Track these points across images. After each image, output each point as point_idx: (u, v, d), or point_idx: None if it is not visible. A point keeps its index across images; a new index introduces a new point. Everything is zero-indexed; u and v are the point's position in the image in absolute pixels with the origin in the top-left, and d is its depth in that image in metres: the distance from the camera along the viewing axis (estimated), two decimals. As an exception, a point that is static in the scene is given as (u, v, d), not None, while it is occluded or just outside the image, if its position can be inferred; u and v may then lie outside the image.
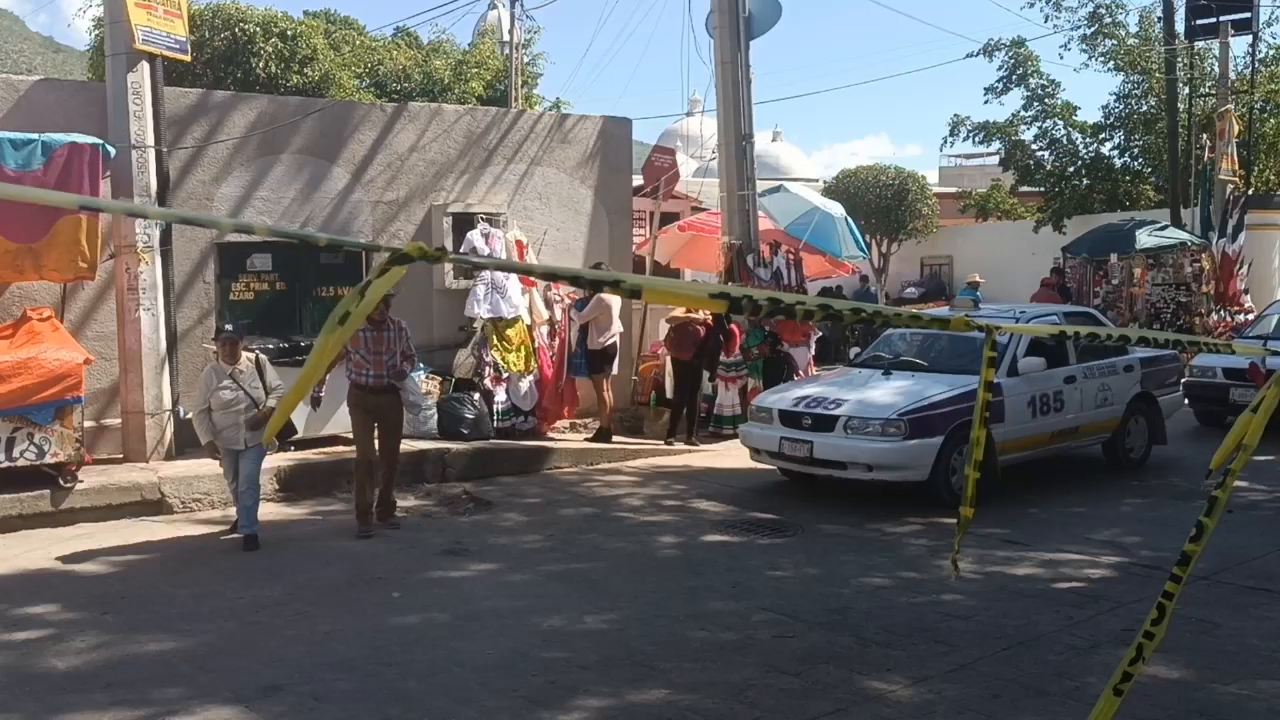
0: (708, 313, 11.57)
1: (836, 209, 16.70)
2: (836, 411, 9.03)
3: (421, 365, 10.69)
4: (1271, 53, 24.92)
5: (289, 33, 18.36)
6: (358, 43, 21.06)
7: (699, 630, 6.03)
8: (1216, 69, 21.87)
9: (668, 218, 15.93)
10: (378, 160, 11.45)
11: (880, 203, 26.03)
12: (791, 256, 13.87)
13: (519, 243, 11.67)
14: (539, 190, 12.44)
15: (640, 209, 15.42)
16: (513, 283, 11.30)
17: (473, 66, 21.63)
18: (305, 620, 6.25)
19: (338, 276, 11.11)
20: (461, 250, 11.27)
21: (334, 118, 11.41)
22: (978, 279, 19.96)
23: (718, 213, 13.91)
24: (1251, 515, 8.67)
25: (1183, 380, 12.24)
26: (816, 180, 29.44)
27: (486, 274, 11.19)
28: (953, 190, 32.79)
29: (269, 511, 8.69)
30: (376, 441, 8.36)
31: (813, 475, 9.50)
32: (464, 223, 11.53)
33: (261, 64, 17.74)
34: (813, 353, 14.51)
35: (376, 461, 8.36)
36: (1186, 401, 12.42)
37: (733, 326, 11.98)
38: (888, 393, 9.32)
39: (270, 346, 9.96)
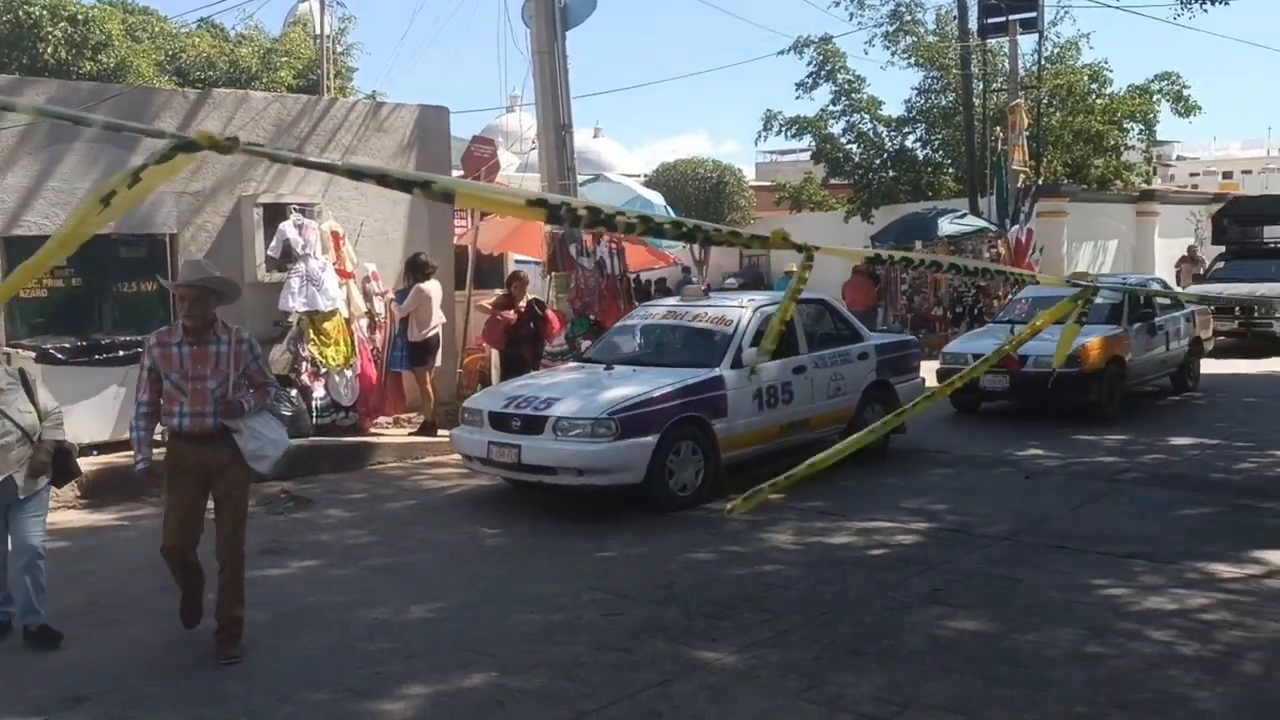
0: (521, 302, 11.54)
1: (656, 199, 16.93)
2: (547, 412, 8.34)
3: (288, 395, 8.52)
4: (1057, 50, 26.60)
5: (80, 17, 17.34)
6: (157, 30, 20.08)
7: (528, 614, 6.01)
8: (1008, 65, 23.18)
9: (489, 208, 15.77)
10: (181, 149, 10.91)
11: (699, 195, 26.54)
12: (614, 246, 13.95)
13: (335, 234, 11.34)
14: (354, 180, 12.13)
15: (488, 212, 15.22)
16: (329, 275, 10.98)
17: (282, 55, 20.94)
18: (114, 627, 5.93)
19: (140, 270, 10.55)
20: (274, 244, 10.90)
21: (132, 105, 10.81)
22: (794, 268, 20.53)
23: (539, 203, 13.85)
24: (1047, 481, 9.26)
25: (938, 368, 12.60)
26: (638, 175, 29.77)
27: (301, 266, 10.82)
28: (768, 184, 33.70)
29: (71, 521, 8.19)
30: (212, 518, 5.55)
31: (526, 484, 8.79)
32: (276, 214, 11.13)
33: (50, 49, 16.71)
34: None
35: (190, 554, 5.55)
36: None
37: (549, 314, 11.95)
38: (603, 390, 8.64)
39: (67, 345, 9.40)
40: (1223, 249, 21.62)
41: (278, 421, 5.67)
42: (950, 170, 27.03)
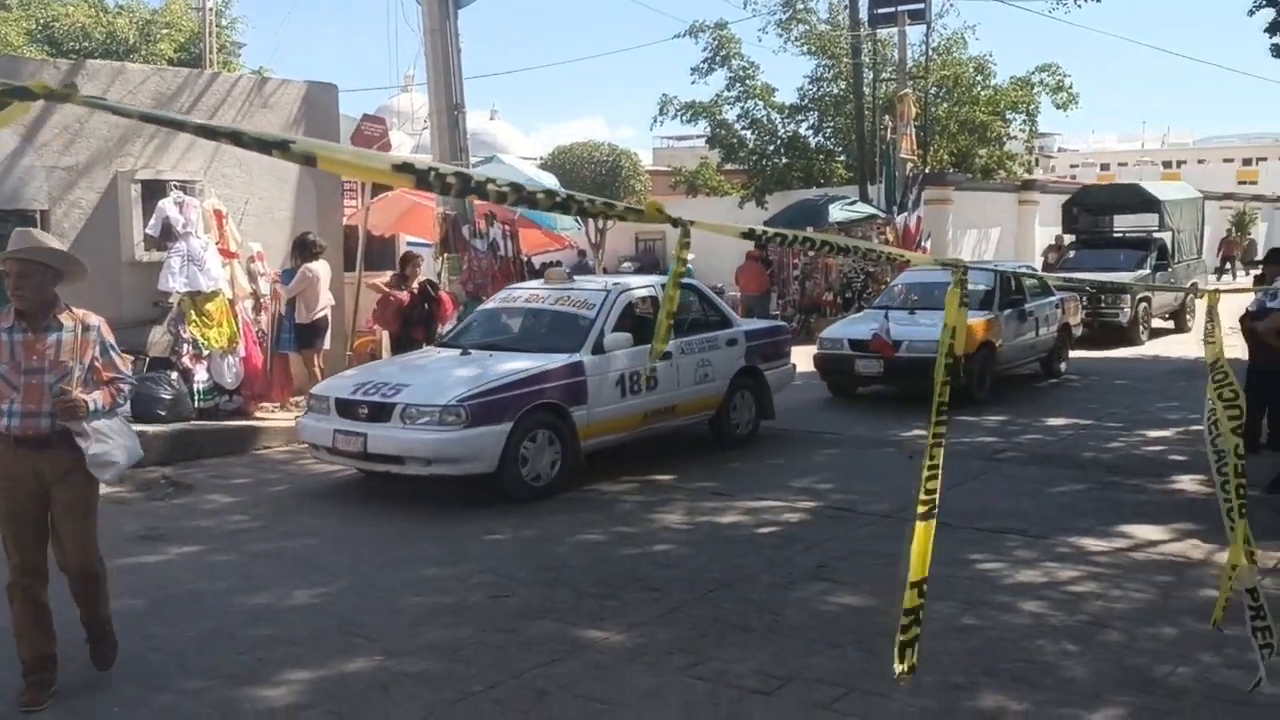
0: (413, 283, 11.38)
1: (550, 180, 16.84)
2: (394, 399, 8.01)
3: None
4: (944, 42, 27.26)
5: (-60, -18, 16.48)
6: (27, -3, 19.22)
7: (414, 597, 5.95)
8: (896, 55, 23.68)
9: (381, 187, 15.51)
10: (52, 122, 10.47)
11: (595, 179, 26.52)
12: (507, 229, 13.87)
13: (217, 212, 11.01)
14: (238, 156, 11.75)
15: (352, 178, 14.92)
16: (211, 254, 10.66)
17: (162, 27, 20.22)
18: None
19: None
20: (153, 222, 10.54)
21: (-2, 74, 10.34)
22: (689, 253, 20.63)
23: (431, 183, 13.66)
24: (929, 459, 9.51)
25: (815, 353, 12.91)
26: (534, 159, 29.59)
27: (182, 245, 10.48)
28: (665, 168, 33.85)
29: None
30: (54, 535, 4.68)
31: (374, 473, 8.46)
32: (155, 191, 10.76)
33: (-91, 15, 15.84)
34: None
35: (42, 575, 4.67)
36: (819, 374, 12.96)
37: (442, 295, 11.82)
38: (455, 375, 8.38)
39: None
40: (1073, 238, 21.84)
41: (128, 426, 4.83)
42: (841, 158, 27.54)
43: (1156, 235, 20.50)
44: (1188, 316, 20.30)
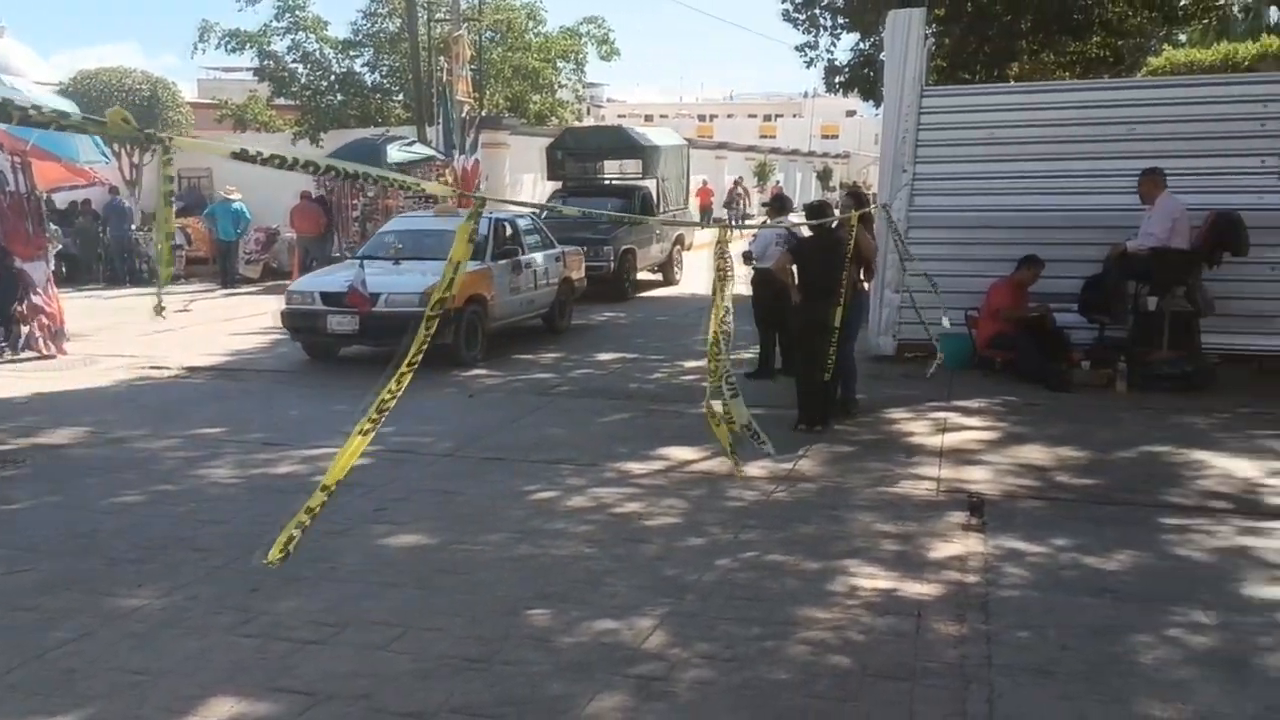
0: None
1: (71, 109, 15.07)
2: None
3: None
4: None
5: None
6: None
7: (-94, 582, 5.18)
8: (452, -4, 23.62)
9: None
10: None
11: (129, 110, 24.10)
12: (18, 160, 12.28)
13: None
14: None
15: None
16: None
17: None
18: None
19: None
20: None
21: None
22: (233, 191, 19.47)
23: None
24: (489, 398, 9.74)
25: (283, 308, 11.61)
26: (53, 84, 26.30)
27: None
28: (211, 101, 31.51)
29: None
30: None
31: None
32: None
33: None
34: (52, 268, 13.16)
35: None
36: (289, 332, 11.73)
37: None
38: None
39: None
40: (559, 185, 20.75)
41: None
42: (399, 97, 27.11)
43: (642, 183, 19.98)
44: (675, 269, 20.07)
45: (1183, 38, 25.04)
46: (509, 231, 12.82)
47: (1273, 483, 6.88)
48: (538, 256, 13.25)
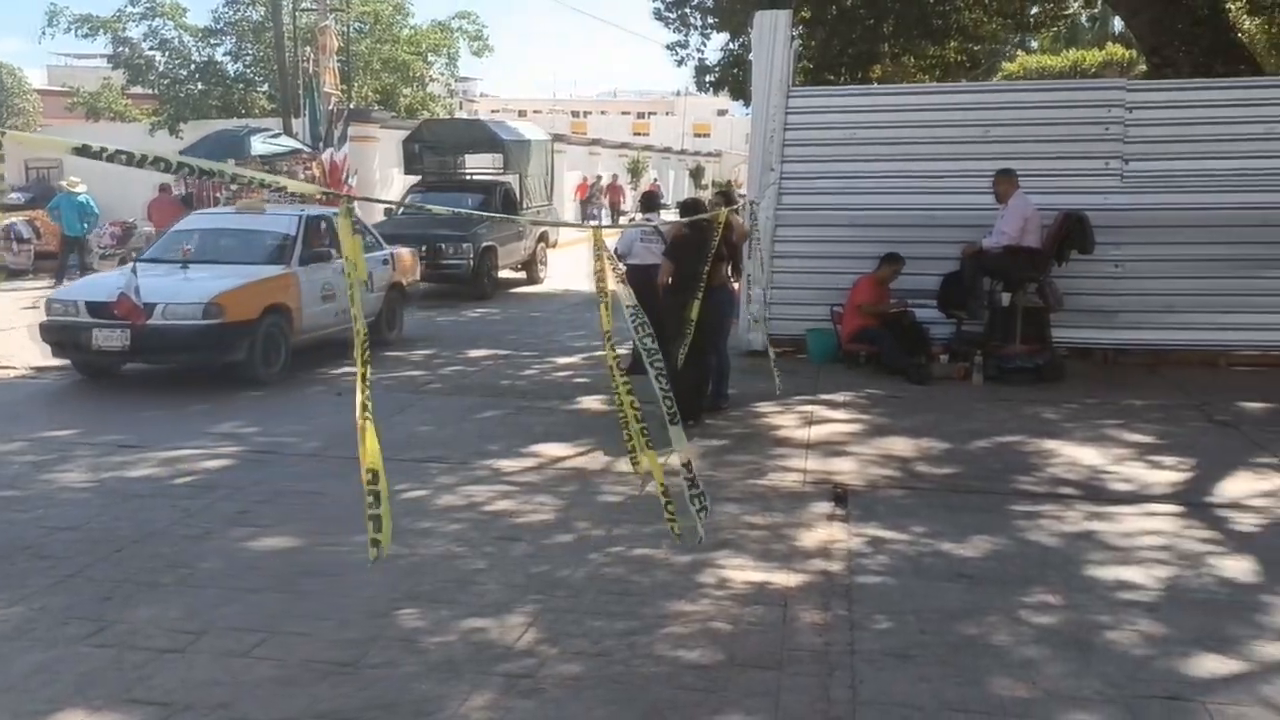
0: None
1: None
2: None
3: None
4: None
5: None
6: None
7: None
8: (316, -15, 23.05)
9: None
10: None
11: (-32, 96, 22.84)
12: None
13: None
14: None
15: None
16: None
17: None
18: None
19: None
20: None
21: None
22: (78, 183, 18.61)
23: None
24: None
25: (43, 320, 9.95)
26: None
27: None
28: (62, 88, 30.12)
29: None
30: None
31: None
32: None
33: None
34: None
35: None
36: (51, 348, 10.00)
37: None
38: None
39: None
40: (416, 180, 19.99)
41: None
42: (264, 88, 26.36)
43: (503, 179, 19.41)
44: (540, 267, 19.55)
45: (1035, 44, 26.14)
46: (323, 227, 11.18)
47: (1116, 470, 7.24)
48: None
